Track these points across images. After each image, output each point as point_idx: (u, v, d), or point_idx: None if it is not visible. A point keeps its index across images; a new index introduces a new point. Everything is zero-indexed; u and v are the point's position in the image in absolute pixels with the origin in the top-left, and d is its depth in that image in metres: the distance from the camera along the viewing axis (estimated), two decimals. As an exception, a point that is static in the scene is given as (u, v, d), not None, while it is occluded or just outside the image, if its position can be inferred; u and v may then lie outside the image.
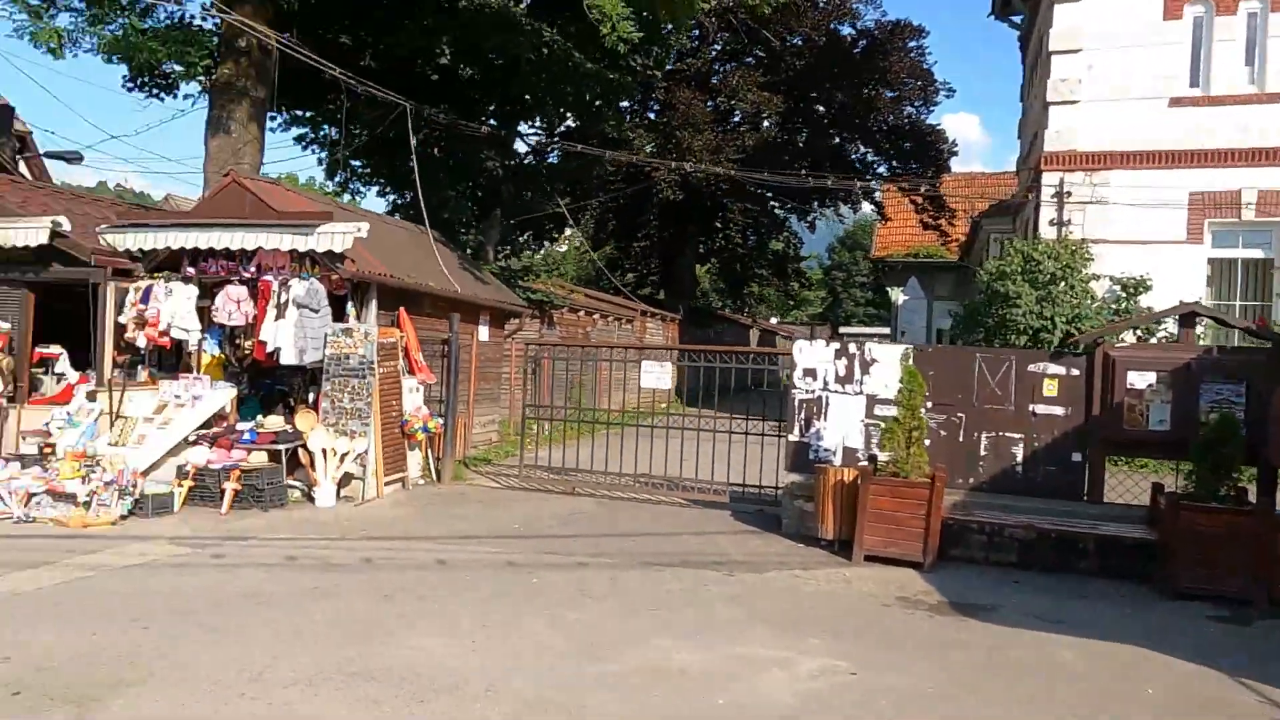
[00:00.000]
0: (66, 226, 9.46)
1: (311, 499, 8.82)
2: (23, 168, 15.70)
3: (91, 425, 9.41)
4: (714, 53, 26.11)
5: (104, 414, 9.61)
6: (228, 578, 6.11)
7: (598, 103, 15.66)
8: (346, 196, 18.65)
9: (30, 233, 9.31)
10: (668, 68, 22.17)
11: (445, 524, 8.30)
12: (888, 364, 8.24)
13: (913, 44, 25.19)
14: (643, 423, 11.44)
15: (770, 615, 5.71)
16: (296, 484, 9.05)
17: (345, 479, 9.03)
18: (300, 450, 8.80)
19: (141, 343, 9.82)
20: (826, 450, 8.36)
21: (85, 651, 4.53)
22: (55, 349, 10.63)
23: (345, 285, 9.54)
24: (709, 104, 24.49)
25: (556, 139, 17.64)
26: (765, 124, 26.06)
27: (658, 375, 10.44)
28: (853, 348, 8.50)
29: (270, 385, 11.31)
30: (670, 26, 14.85)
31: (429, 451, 10.51)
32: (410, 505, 9.11)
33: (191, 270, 9.86)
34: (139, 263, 10.03)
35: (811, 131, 27.22)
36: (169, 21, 13.05)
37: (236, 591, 5.73)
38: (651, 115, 25.65)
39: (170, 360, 10.54)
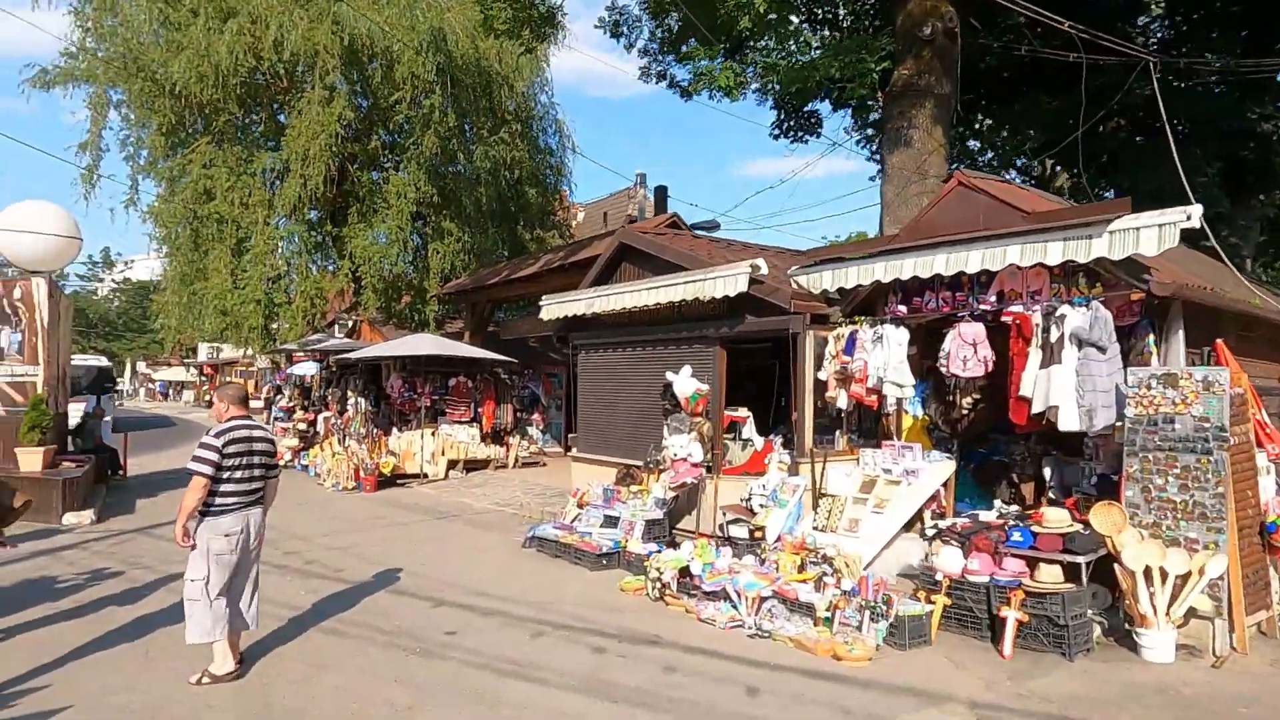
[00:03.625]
0: (764, 269, 8.17)
1: (1131, 643, 5.59)
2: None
3: (798, 505, 7.78)
4: None
5: (806, 490, 7.97)
6: None
7: None
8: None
9: (729, 281, 8.22)
10: None
11: None
12: None
13: None
14: None
15: None
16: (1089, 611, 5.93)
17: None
18: (1118, 568, 5.66)
19: (843, 403, 7.99)
20: None
21: None
22: (742, 411, 9.57)
23: (1137, 310, 6.31)
24: None
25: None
26: None
27: None
28: None
29: (984, 456, 8.64)
30: None
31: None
32: (1316, 677, 5.21)
33: (902, 309, 7.74)
34: (834, 306, 8.33)
35: None
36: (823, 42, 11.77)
37: None
38: None
39: (867, 424, 8.60)
